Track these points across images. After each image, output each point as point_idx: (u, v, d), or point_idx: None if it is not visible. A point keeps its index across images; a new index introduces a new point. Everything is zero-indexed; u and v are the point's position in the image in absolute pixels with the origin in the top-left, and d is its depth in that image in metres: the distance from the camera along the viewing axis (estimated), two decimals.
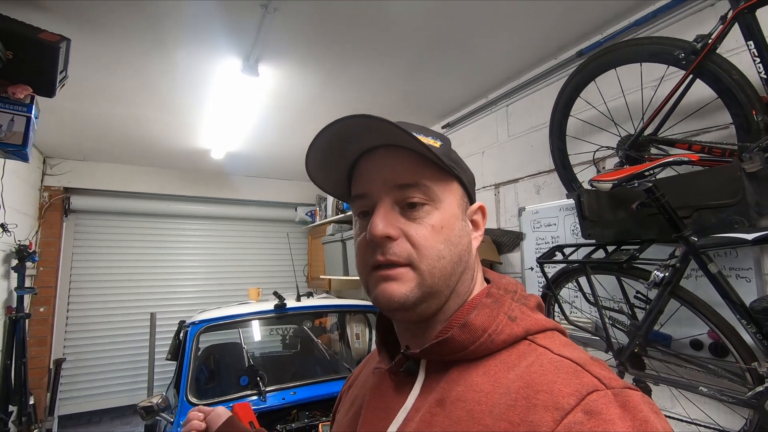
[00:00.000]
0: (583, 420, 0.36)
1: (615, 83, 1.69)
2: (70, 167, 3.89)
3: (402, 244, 0.50)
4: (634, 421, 0.36)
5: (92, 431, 4.13)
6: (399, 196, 0.51)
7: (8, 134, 1.59)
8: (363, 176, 0.54)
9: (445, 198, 0.52)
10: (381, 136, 0.52)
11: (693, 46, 1.29)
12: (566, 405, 0.37)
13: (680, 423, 1.45)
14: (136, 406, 1.94)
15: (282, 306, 2.53)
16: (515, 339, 0.47)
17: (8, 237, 2.85)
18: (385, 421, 0.50)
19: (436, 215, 0.51)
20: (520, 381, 0.42)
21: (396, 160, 0.52)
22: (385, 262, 0.49)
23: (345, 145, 0.53)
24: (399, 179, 0.51)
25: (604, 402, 0.37)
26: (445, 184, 0.53)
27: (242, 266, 4.84)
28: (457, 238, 0.52)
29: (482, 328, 0.47)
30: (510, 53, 2.09)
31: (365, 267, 0.52)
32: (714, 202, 1.21)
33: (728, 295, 1.17)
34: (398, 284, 0.49)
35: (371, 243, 0.50)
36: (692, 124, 1.49)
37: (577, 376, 0.40)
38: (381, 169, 0.53)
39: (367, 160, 0.55)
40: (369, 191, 0.53)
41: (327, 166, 0.56)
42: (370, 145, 0.54)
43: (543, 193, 2.17)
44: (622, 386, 0.40)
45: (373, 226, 0.49)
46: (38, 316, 3.57)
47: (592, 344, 1.81)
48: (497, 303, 0.50)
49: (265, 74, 2.18)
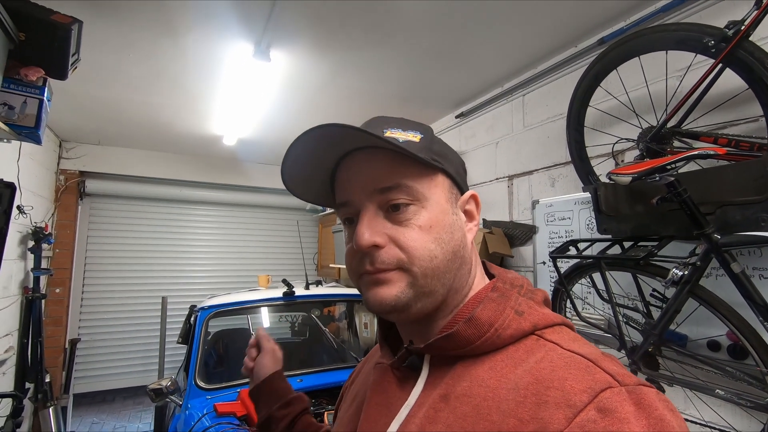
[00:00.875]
0: (596, 418, 0.34)
1: (638, 72, 1.62)
2: (85, 151, 3.94)
3: (390, 250, 0.48)
4: (649, 419, 0.34)
5: (106, 409, 4.25)
6: (381, 200, 0.49)
7: (21, 116, 1.60)
8: (343, 183, 0.53)
9: (430, 195, 0.50)
10: (354, 141, 0.50)
11: (724, 33, 1.23)
12: (579, 402, 0.36)
13: (694, 425, 1.42)
14: (146, 387, 1.98)
15: (291, 294, 2.54)
16: (522, 334, 0.46)
17: (24, 219, 2.90)
18: (387, 416, 0.49)
19: (423, 214, 0.49)
20: (529, 377, 0.40)
21: (373, 163, 0.50)
22: (374, 271, 0.48)
23: (319, 155, 0.52)
24: (378, 183, 0.49)
25: (618, 399, 0.35)
26: (428, 179, 0.51)
27: (253, 253, 4.88)
28: (449, 234, 0.50)
29: (488, 322, 0.46)
30: (527, 41, 2.02)
31: (355, 274, 0.52)
32: (740, 199, 1.15)
33: (751, 296, 1.12)
34: (388, 287, 0.48)
35: (359, 252, 0.49)
36: (719, 117, 1.42)
37: (589, 372, 0.39)
38: (359, 174, 0.51)
39: (345, 166, 0.53)
40: (351, 199, 0.51)
41: (306, 178, 0.55)
42: (343, 152, 0.52)
43: (558, 185, 2.11)
44: (636, 383, 0.38)
45: (359, 236, 0.48)
46: (54, 296, 3.65)
47: (605, 342, 1.77)
48: (503, 297, 0.49)
49: (276, 60, 2.15)
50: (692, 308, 1.32)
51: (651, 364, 1.42)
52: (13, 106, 1.56)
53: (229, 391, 2.00)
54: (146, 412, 4.13)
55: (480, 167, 2.69)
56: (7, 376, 2.85)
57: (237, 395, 1.90)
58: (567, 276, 1.68)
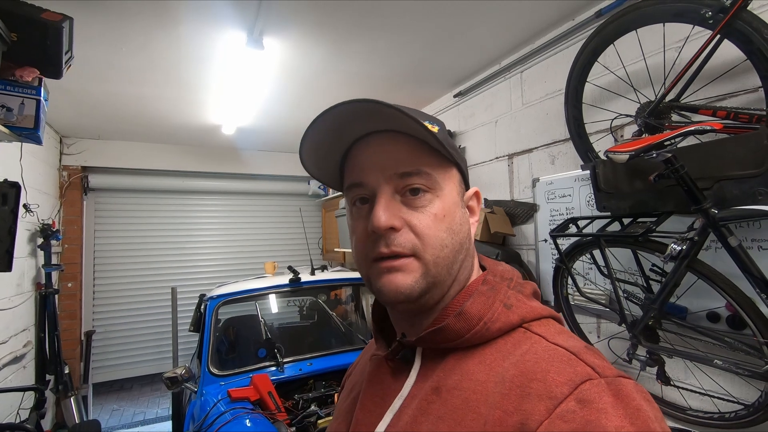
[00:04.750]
0: (575, 408, 0.36)
1: (635, 46, 1.59)
2: (86, 146, 3.94)
3: (406, 234, 0.48)
4: (626, 409, 0.36)
5: (125, 397, 4.39)
6: (400, 184, 0.50)
7: (20, 118, 1.60)
8: (359, 164, 0.52)
9: (445, 185, 0.51)
10: (384, 121, 0.49)
11: (721, 4, 1.20)
12: (559, 394, 0.37)
13: (694, 394, 1.45)
14: (162, 375, 2.04)
15: (297, 280, 2.58)
16: (511, 327, 0.47)
17: (32, 216, 2.94)
18: (381, 407, 0.51)
19: (437, 203, 0.50)
20: (514, 369, 0.42)
21: (395, 146, 0.50)
22: (390, 254, 0.48)
23: (342, 131, 0.51)
24: (400, 167, 0.49)
25: (597, 391, 0.37)
26: (444, 171, 0.52)
27: (258, 240, 4.92)
28: (458, 225, 0.51)
29: (478, 316, 0.47)
30: (524, 15, 1.98)
31: (366, 259, 0.51)
32: (737, 173, 1.15)
33: (748, 269, 1.13)
34: (404, 275, 0.48)
35: (373, 235, 0.49)
36: (717, 89, 1.40)
37: (571, 364, 0.40)
38: (379, 156, 0.51)
39: (362, 147, 0.53)
40: (366, 180, 0.51)
41: (321, 153, 0.54)
42: (368, 131, 0.52)
43: (558, 163, 2.11)
44: (615, 375, 0.39)
45: (376, 217, 0.47)
46: (66, 291, 3.73)
47: (606, 317, 1.80)
48: (493, 290, 0.50)
49: (270, 47, 2.13)
50: (692, 281, 1.34)
51: (651, 337, 1.44)
52: (11, 108, 1.57)
53: (242, 377, 2.06)
54: (164, 398, 4.26)
55: (480, 146, 2.68)
56: (28, 369, 2.95)
57: (250, 381, 1.96)
58: (568, 253, 1.70)
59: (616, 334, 1.69)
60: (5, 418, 2.44)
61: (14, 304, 2.70)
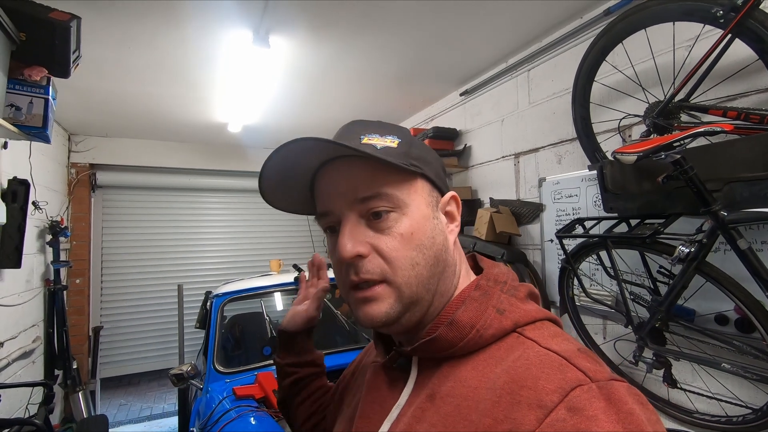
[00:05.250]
0: (566, 417, 0.35)
1: (644, 45, 1.57)
2: (94, 144, 3.97)
3: (374, 260, 0.48)
4: (618, 413, 0.35)
5: (132, 392, 4.44)
6: (362, 208, 0.49)
7: (28, 117, 1.62)
8: (323, 193, 0.53)
9: (411, 201, 0.50)
10: (329, 153, 0.50)
11: (733, 2, 1.18)
12: (549, 403, 0.37)
13: (701, 397, 1.44)
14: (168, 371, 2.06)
15: None
16: (504, 332, 0.47)
17: (40, 213, 2.97)
18: (380, 415, 0.51)
19: (404, 222, 0.49)
20: (505, 376, 0.42)
21: (353, 171, 0.50)
22: (360, 281, 0.49)
23: (295, 167, 0.52)
24: (359, 192, 0.49)
25: (587, 397, 0.36)
26: (408, 185, 0.51)
27: (263, 238, 4.94)
28: (430, 240, 0.50)
29: (470, 324, 0.47)
30: (532, 13, 1.96)
31: (344, 287, 0.52)
32: (747, 174, 1.13)
33: (758, 272, 1.12)
34: (377, 304, 0.48)
35: (344, 263, 0.49)
36: (728, 89, 1.38)
37: (562, 370, 0.40)
38: (338, 184, 0.51)
39: (323, 176, 0.53)
40: (331, 209, 0.51)
41: (285, 189, 0.55)
42: (320, 162, 0.52)
43: (564, 162, 2.09)
44: (608, 378, 0.39)
45: (341, 246, 0.48)
46: (75, 287, 3.77)
47: (612, 318, 1.79)
48: (486, 296, 0.49)
49: (276, 45, 2.13)
50: (700, 283, 1.32)
51: (658, 339, 1.43)
52: (20, 107, 1.58)
53: (247, 374, 2.07)
54: (170, 394, 4.31)
55: (486, 145, 2.67)
56: (37, 365, 2.99)
57: (255, 378, 1.97)
58: (574, 254, 1.69)
59: (623, 335, 1.67)
60: (14, 413, 2.47)
61: (23, 300, 2.74)
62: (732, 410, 1.35)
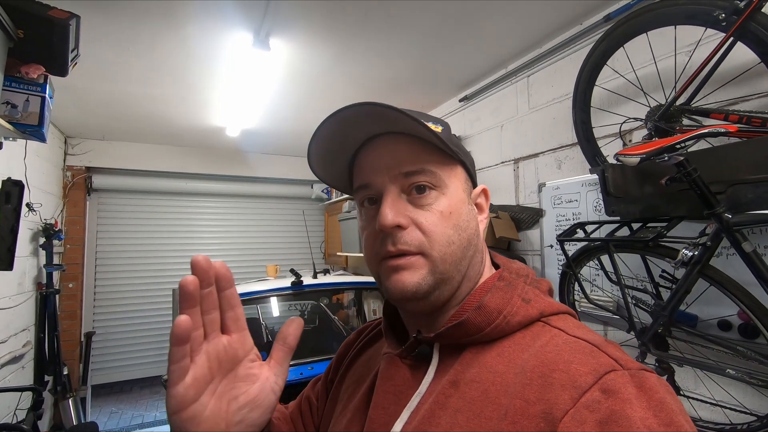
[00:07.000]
0: (600, 398, 0.36)
1: (645, 49, 1.58)
2: (90, 146, 3.95)
3: (412, 232, 0.49)
4: (650, 401, 0.36)
5: (124, 399, 4.35)
6: (405, 183, 0.51)
7: (24, 115, 1.60)
8: (366, 166, 0.54)
9: (450, 183, 0.52)
10: (387, 123, 0.51)
11: (735, 5, 1.18)
12: (584, 384, 0.37)
13: (704, 404, 1.42)
14: (161, 378, 2.02)
15: (299, 283, 2.56)
16: (530, 320, 0.48)
17: (34, 216, 2.93)
18: (397, 405, 0.50)
19: (443, 201, 0.51)
20: (535, 360, 0.42)
21: (399, 147, 0.51)
22: (397, 252, 0.49)
23: (347, 134, 0.52)
24: (404, 167, 0.50)
25: (622, 381, 0.37)
26: (449, 169, 0.53)
27: (260, 243, 4.91)
28: (465, 222, 0.52)
29: (497, 309, 0.47)
30: (532, 19, 1.97)
31: (375, 258, 0.52)
32: (751, 177, 1.13)
33: (763, 276, 1.10)
34: (410, 273, 0.49)
35: (381, 233, 0.50)
36: (730, 92, 1.38)
37: (594, 356, 0.40)
38: (385, 158, 0.52)
39: (368, 150, 0.54)
40: (373, 181, 0.52)
41: (328, 157, 0.55)
42: (372, 133, 0.53)
43: (564, 168, 2.08)
44: (638, 368, 0.39)
45: (383, 216, 0.48)
46: (67, 291, 3.72)
47: (614, 324, 1.77)
48: (510, 286, 0.50)
49: (276, 48, 2.13)
50: (703, 288, 1.31)
51: (661, 345, 1.41)
52: (15, 104, 1.56)
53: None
54: (163, 401, 4.22)
55: (485, 151, 2.66)
56: (27, 369, 2.93)
57: None
58: (575, 259, 1.67)
59: (625, 341, 1.65)
60: (2, 418, 2.42)
61: (15, 303, 2.69)
62: (736, 418, 1.33)
